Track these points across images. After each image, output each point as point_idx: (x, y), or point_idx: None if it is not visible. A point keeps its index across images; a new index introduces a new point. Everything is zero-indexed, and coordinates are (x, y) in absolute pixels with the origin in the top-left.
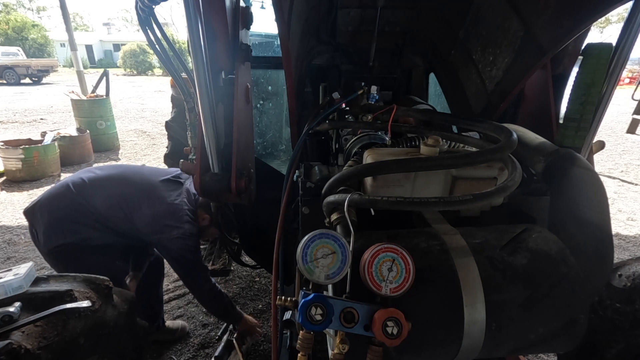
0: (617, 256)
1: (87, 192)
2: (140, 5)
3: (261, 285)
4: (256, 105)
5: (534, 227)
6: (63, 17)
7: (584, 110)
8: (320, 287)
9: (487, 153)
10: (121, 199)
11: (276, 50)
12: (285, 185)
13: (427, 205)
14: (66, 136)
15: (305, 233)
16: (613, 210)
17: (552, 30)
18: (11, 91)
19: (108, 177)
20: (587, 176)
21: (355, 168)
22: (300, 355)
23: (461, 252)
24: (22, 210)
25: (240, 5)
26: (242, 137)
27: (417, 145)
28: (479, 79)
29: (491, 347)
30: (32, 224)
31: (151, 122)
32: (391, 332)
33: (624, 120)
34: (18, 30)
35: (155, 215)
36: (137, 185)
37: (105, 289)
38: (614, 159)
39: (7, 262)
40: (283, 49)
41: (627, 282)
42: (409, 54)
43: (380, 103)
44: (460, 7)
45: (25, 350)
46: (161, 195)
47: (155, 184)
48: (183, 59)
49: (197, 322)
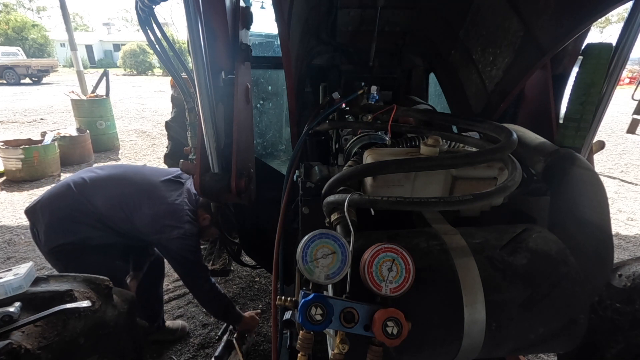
0: (617, 256)
1: (88, 192)
2: (140, 5)
3: (261, 285)
4: (256, 105)
5: (534, 227)
6: (63, 17)
7: (584, 110)
8: (320, 287)
9: (487, 153)
10: (122, 199)
11: (276, 50)
12: (285, 185)
13: (427, 205)
14: (66, 136)
15: (305, 233)
16: (613, 210)
17: (552, 30)
18: (11, 91)
19: (109, 177)
20: (587, 176)
21: (355, 168)
22: (300, 355)
23: (461, 252)
24: (23, 209)
25: (240, 5)
26: (242, 137)
27: (417, 145)
28: (479, 79)
29: (491, 347)
30: (33, 224)
31: (151, 122)
32: (391, 332)
33: (624, 120)
34: (18, 30)
35: (155, 215)
36: (138, 186)
37: (105, 289)
38: (614, 159)
39: (7, 262)
40: (283, 49)
41: (627, 282)
42: (409, 54)
43: (380, 103)
44: (460, 7)
45: (25, 350)
46: (162, 195)
47: (156, 184)
48: (183, 59)
49: (197, 322)
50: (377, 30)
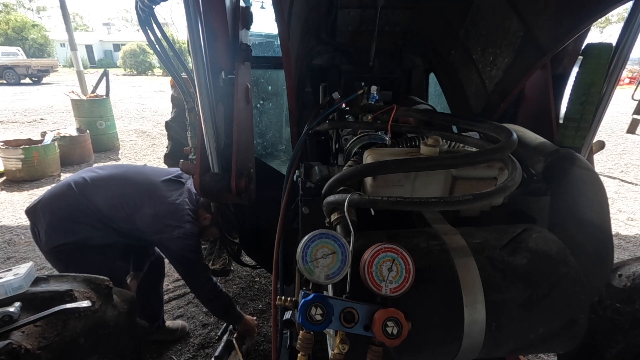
0: (617, 256)
1: (89, 192)
2: (140, 5)
3: (261, 285)
4: (256, 105)
5: (534, 227)
6: (63, 17)
7: (584, 110)
8: (320, 287)
9: (487, 153)
10: (123, 199)
11: (276, 50)
12: (285, 185)
13: (427, 205)
14: (66, 136)
15: (305, 233)
16: (613, 210)
17: (552, 30)
18: (11, 91)
19: (110, 177)
20: (587, 176)
21: (355, 168)
22: (300, 355)
23: (461, 252)
24: (24, 210)
25: (240, 5)
26: (242, 137)
27: (417, 145)
28: (479, 79)
29: (491, 347)
30: (34, 223)
31: (151, 122)
32: (391, 332)
33: (624, 120)
34: (18, 30)
35: (156, 215)
36: (139, 185)
37: (105, 289)
38: (614, 159)
39: (7, 262)
40: (283, 49)
41: (627, 282)
42: (409, 54)
43: (380, 103)
44: (460, 7)
45: (25, 350)
46: (162, 195)
47: (157, 183)
48: (183, 59)
49: (197, 322)
50: (377, 30)
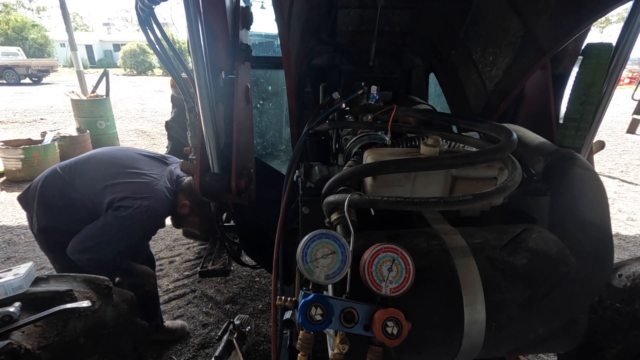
0: (617, 256)
1: (73, 173)
2: (140, 5)
3: (261, 285)
4: (256, 105)
5: (534, 227)
6: (63, 17)
7: (584, 110)
8: (320, 287)
9: (487, 153)
10: (100, 174)
11: (276, 50)
12: (285, 185)
13: (427, 205)
14: (66, 136)
15: (305, 233)
16: (613, 210)
17: (552, 30)
18: (11, 91)
19: (93, 156)
20: (587, 176)
21: (355, 168)
22: (300, 355)
23: (461, 252)
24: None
25: (240, 5)
26: (242, 137)
27: (417, 145)
28: (479, 79)
29: (491, 347)
30: (26, 207)
31: (151, 122)
32: (391, 332)
33: (624, 120)
34: (18, 30)
35: (126, 184)
36: (120, 160)
37: (105, 289)
38: (614, 159)
39: (7, 262)
40: (283, 49)
41: (627, 282)
42: (409, 54)
43: (380, 103)
44: (460, 7)
45: (25, 350)
46: (140, 167)
47: (137, 157)
48: (183, 59)
49: (197, 322)
50: (377, 30)
